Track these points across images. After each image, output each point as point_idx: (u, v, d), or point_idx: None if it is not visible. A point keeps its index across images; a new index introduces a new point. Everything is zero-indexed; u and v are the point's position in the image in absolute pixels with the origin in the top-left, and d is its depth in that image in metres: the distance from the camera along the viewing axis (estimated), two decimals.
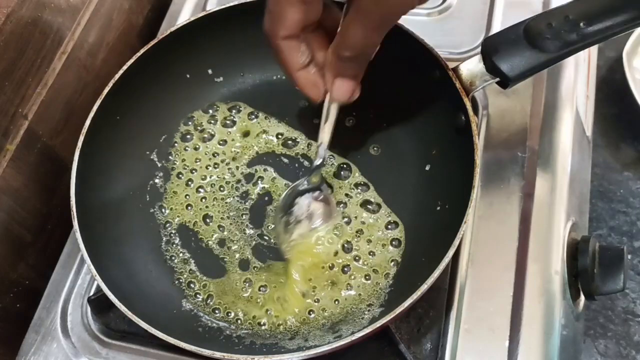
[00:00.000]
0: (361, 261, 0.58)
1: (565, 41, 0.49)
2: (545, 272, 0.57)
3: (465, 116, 0.53)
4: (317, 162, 0.58)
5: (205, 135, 0.66)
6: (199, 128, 0.67)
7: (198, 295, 0.59)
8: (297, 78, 0.52)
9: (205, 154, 0.66)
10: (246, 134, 0.66)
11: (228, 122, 0.67)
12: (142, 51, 0.61)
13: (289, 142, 0.66)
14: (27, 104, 0.64)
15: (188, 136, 0.66)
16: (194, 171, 0.65)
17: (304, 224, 0.58)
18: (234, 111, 0.67)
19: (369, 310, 0.56)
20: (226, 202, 0.63)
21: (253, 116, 0.67)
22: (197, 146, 0.66)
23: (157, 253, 0.61)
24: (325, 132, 0.56)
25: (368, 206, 0.61)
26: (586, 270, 0.59)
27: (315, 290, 0.57)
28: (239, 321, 0.57)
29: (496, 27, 0.70)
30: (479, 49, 0.53)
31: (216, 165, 0.65)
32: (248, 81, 0.68)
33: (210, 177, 0.64)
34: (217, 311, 0.58)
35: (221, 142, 0.66)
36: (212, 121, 0.67)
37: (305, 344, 0.54)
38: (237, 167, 0.65)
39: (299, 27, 0.49)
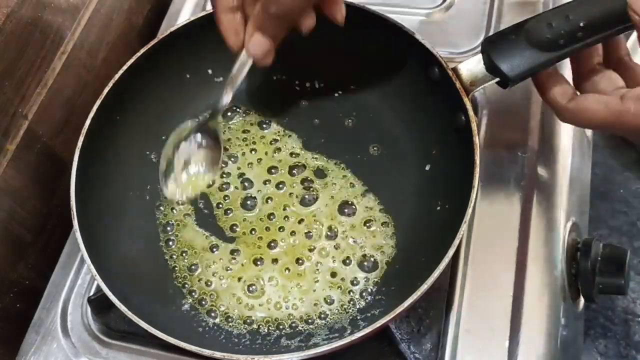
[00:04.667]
0: (360, 261, 0.58)
1: (566, 41, 0.49)
2: (545, 272, 0.57)
3: (465, 116, 0.53)
4: (221, 103, 0.57)
5: None
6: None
7: (198, 295, 0.59)
8: (221, 19, 0.52)
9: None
10: (245, 133, 0.66)
11: (228, 122, 0.67)
12: (142, 51, 0.61)
13: (288, 142, 0.66)
14: (27, 104, 0.64)
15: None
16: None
17: (180, 169, 0.58)
18: (234, 112, 0.67)
19: (368, 310, 0.56)
20: (225, 203, 0.63)
21: (253, 116, 0.67)
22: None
23: (157, 253, 0.61)
24: (232, 80, 0.55)
25: (365, 206, 0.61)
26: (587, 274, 0.59)
27: (314, 290, 0.58)
28: (238, 321, 0.57)
29: (496, 27, 0.70)
30: (479, 49, 0.53)
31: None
32: (248, 81, 0.68)
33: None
34: (217, 311, 0.58)
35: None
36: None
37: (305, 344, 0.55)
38: (237, 167, 0.65)
39: None
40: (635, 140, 0.50)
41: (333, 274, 0.58)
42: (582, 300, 0.63)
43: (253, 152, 0.66)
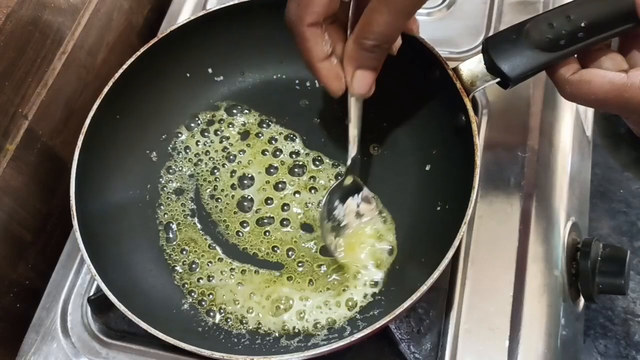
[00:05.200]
0: (360, 260, 0.58)
1: (567, 41, 0.49)
2: (545, 272, 0.57)
3: (466, 116, 0.53)
4: (349, 162, 0.57)
5: (206, 135, 0.66)
6: (199, 127, 0.67)
7: (198, 295, 0.59)
8: (320, 69, 0.50)
9: (206, 153, 0.66)
10: (246, 134, 0.66)
11: (228, 121, 0.67)
12: (142, 50, 0.61)
13: (288, 142, 0.66)
14: (27, 104, 0.64)
15: (188, 136, 0.66)
16: (194, 171, 0.65)
17: (354, 223, 0.58)
18: (234, 111, 0.67)
19: (368, 311, 0.56)
20: (225, 202, 0.63)
21: (253, 116, 0.67)
22: (197, 146, 0.66)
23: (157, 252, 0.61)
24: (352, 131, 0.55)
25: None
26: (587, 275, 0.59)
27: (314, 289, 0.58)
28: (238, 321, 0.57)
29: (496, 27, 0.70)
30: (479, 49, 0.53)
31: (216, 165, 0.65)
32: (248, 80, 0.68)
33: (210, 177, 0.64)
34: (216, 311, 0.58)
35: (221, 141, 0.66)
36: (213, 121, 0.67)
37: (304, 344, 0.55)
38: (237, 167, 0.65)
39: (324, 13, 0.48)
40: (633, 120, 0.49)
41: (332, 274, 0.58)
42: (582, 300, 0.63)
43: (253, 152, 0.65)
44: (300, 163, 0.64)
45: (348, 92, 0.52)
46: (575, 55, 0.50)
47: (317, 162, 0.64)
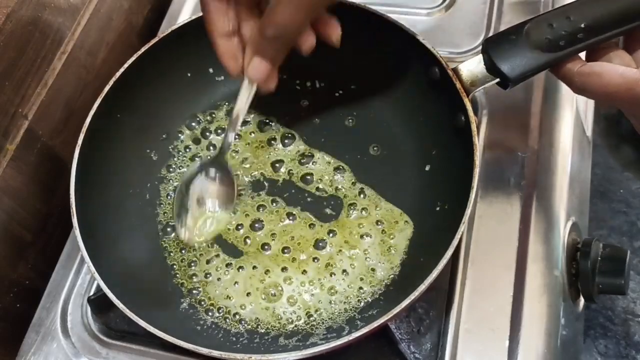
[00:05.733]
0: (360, 260, 0.58)
1: (566, 42, 0.49)
2: (545, 272, 0.57)
3: (465, 116, 0.53)
4: (229, 138, 0.57)
5: (206, 135, 0.66)
6: (199, 127, 0.67)
7: (197, 294, 0.59)
8: (218, 44, 0.51)
9: (206, 153, 0.66)
10: (246, 134, 0.66)
11: (228, 121, 0.67)
12: (143, 49, 0.61)
13: (287, 141, 0.66)
14: (27, 104, 0.64)
15: (188, 135, 0.66)
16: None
17: (195, 207, 0.58)
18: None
19: (367, 310, 0.56)
20: None
21: (253, 116, 0.67)
22: (198, 146, 0.66)
23: (156, 252, 0.61)
24: (235, 111, 0.55)
25: (365, 205, 0.61)
26: (587, 274, 0.59)
27: (313, 290, 0.58)
28: (237, 320, 0.57)
29: (496, 27, 0.70)
30: (479, 49, 0.53)
31: None
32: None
33: None
34: (215, 309, 0.58)
35: (221, 142, 0.66)
36: (213, 120, 0.67)
37: (303, 343, 0.55)
38: (237, 167, 0.65)
39: None
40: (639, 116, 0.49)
41: (332, 274, 0.58)
42: (582, 300, 0.63)
43: (253, 152, 0.65)
44: (300, 163, 0.64)
45: (243, 81, 0.53)
46: (584, 53, 0.50)
47: (317, 162, 0.64)
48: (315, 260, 0.59)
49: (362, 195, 0.62)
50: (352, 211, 0.61)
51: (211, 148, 0.66)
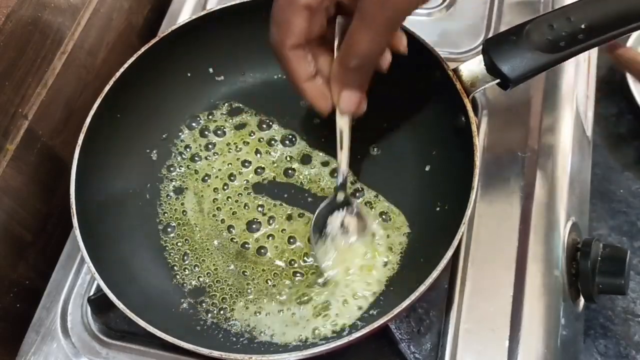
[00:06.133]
0: (361, 260, 0.59)
1: (567, 43, 0.49)
2: (545, 272, 0.57)
3: (466, 117, 0.53)
4: (339, 180, 0.57)
5: (206, 134, 0.66)
6: (199, 127, 0.67)
7: (197, 294, 0.59)
8: (305, 89, 0.51)
9: (206, 153, 0.66)
10: (246, 134, 0.66)
11: (228, 121, 0.67)
12: (143, 49, 0.61)
13: (287, 142, 0.66)
14: (27, 104, 0.64)
15: (189, 135, 0.66)
16: (194, 170, 0.65)
17: (339, 240, 0.58)
18: (234, 111, 0.67)
19: (367, 310, 0.56)
20: (225, 201, 0.63)
21: (253, 116, 0.67)
22: (198, 145, 0.66)
23: (156, 252, 0.61)
24: (342, 152, 0.55)
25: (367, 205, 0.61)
26: (587, 274, 0.59)
27: (314, 289, 0.58)
28: (237, 319, 0.57)
29: (496, 28, 0.70)
30: (479, 49, 0.53)
31: (216, 165, 0.65)
32: (249, 80, 0.68)
33: (209, 176, 0.65)
34: (215, 310, 0.58)
35: (221, 141, 0.66)
36: (213, 120, 0.67)
37: (303, 343, 0.55)
38: (237, 167, 0.65)
39: (305, 35, 0.49)
40: None
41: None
42: (582, 300, 0.63)
43: (253, 151, 0.65)
44: (300, 163, 0.64)
45: (336, 114, 0.53)
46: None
47: (317, 162, 0.64)
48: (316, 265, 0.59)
49: (361, 195, 0.62)
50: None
51: (211, 147, 0.66)
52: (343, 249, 0.58)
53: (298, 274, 0.59)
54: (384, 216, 0.60)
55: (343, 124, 0.53)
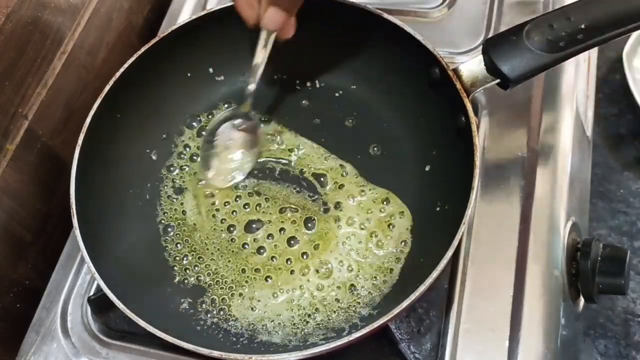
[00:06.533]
0: (361, 260, 0.58)
1: (567, 43, 0.49)
2: (545, 272, 0.57)
3: (466, 117, 0.53)
4: (250, 87, 0.59)
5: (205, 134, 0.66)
6: (199, 127, 0.67)
7: (197, 294, 0.59)
8: None
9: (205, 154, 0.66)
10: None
11: (228, 121, 0.67)
12: (143, 49, 0.61)
13: (287, 141, 0.66)
14: (27, 104, 0.64)
15: (188, 135, 0.66)
16: (194, 170, 0.65)
17: (223, 154, 0.59)
18: (234, 110, 0.67)
19: (367, 310, 0.56)
20: (225, 201, 0.63)
21: (253, 116, 0.67)
22: (198, 145, 0.66)
23: (156, 252, 0.61)
24: (256, 59, 0.57)
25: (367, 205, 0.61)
26: (587, 274, 0.59)
27: (312, 290, 0.58)
28: (237, 320, 0.57)
29: (496, 27, 0.70)
30: (479, 49, 0.53)
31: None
32: (249, 80, 0.68)
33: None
34: (215, 310, 0.58)
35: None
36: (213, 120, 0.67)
37: (303, 343, 0.55)
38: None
39: None
40: None
41: (332, 275, 0.58)
42: (582, 300, 0.63)
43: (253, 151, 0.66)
44: (300, 163, 0.64)
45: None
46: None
47: (316, 162, 0.64)
48: (315, 261, 0.59)
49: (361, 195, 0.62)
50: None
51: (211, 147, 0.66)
52: (225, 159, 0.60)
53: (298, 274, 0.59)
54: (399, 213, 0.60)
55: (263, 38, 0.56)
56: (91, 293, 0.62)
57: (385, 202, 0.61)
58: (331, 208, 0.61)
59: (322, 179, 0.63)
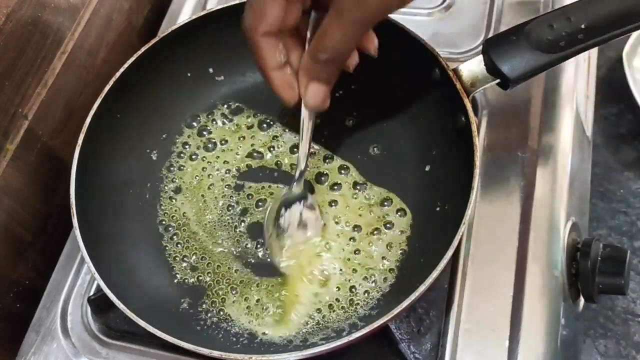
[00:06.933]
0: (361, 260, 0.58)
1: (567, 43, 0.49)
2: (545, 272, 0.57)
3: (466, 117, 0.53)
4: (299, 170, 0.57)
5: (205, 134, 0.66)
6: (199, 127, 0.67)
7: (197, 294, 0.59)
8: (272, 77, 0.51)
9: (206, 153, 0.66)
10: (245, 132, 0.66)
11: (228, 121, 0.67)
12: (143, 49, 0.61)
13: (287, 142, 0.66)
14: (27, 104, 0.64)
15: (188, 135, 0.67)
16: (194, 170, 0.65)
17: (298, 234, 0.58)
18: (234, 110, 0.67)
19: (367, 310, 0.56)
20: (225, 201, 0.63)
21: (253, 116, 0.67)
22: (198, 145, 0.66)
23: (157, 252, 0.61)
24: (303, 143, 0.55)
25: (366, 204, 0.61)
26: (587, 274, 0.59)
27: (312, 291, 0.58)
28: (237, 319, 0.57)
29: (496, 27, 0.70)
30: (479, 49, 0.53)
31: (216, 165, 0.65)
32: (249, 80, 0.68)
33: (210, 176, 0.65)
34: (215, 310, 0.58)
35: (221, 142, 0.66)
36: (213, 120, 0.67)
37: (303, 344, 0.55)
38: (237, 167, 0.65)
39: (278, 24, 0.49)
40: None
41: (332, 274, 0.58)
42: (582, 300, 0.63)
43: (253, 152, 0.65)
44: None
45: (302, 108, 0.53)
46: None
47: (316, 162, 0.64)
48: (315, 261, 0.59)
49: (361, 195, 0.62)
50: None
51: (210, 147, 0.66)
52: (299, 242, 0.58)
53: (300, 274, 0.59)
54: (399, 213, 0.60)
55: (306, 118, 0.54)
56: (91, 293, 0.62)
57: (385, 202, 0.61)
58: (331, 208, 0.61)
59: (322, 179, 0.63)
